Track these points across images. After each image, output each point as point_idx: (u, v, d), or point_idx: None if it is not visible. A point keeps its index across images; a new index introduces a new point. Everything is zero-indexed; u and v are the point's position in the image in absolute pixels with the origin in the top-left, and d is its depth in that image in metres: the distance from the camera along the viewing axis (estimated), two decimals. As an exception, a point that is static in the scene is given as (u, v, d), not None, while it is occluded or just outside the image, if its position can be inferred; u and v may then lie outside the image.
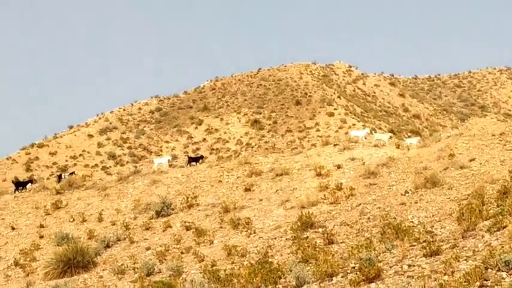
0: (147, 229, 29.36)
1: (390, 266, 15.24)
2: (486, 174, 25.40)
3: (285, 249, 21.61)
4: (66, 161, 78.58)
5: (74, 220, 32.98)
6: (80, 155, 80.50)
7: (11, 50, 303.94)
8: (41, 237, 31.33)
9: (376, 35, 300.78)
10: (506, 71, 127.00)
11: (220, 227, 27.37)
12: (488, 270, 12.95)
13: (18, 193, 39.05)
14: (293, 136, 79.42)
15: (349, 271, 15.63)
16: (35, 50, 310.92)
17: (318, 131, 79.13)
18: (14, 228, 33.19)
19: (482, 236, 15.87)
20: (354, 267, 15.78)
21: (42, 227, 32.75)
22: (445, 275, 13.33)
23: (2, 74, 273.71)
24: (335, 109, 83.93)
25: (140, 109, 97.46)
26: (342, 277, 15.28)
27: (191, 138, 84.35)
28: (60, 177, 48.32)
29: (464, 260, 14.07)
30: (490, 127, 31.36)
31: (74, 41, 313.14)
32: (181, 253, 24.53)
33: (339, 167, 32.19)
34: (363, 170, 30.63)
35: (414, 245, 16.91)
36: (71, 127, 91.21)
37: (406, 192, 25.57)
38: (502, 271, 12.82)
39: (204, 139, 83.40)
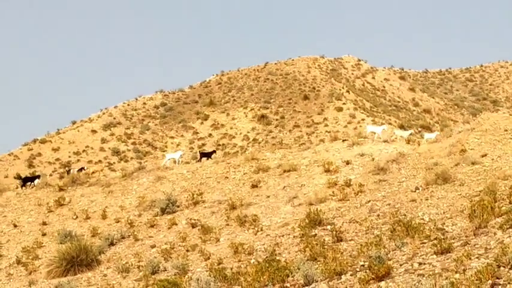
0: (152, 226, 29.05)
1: (400, 264, 14.98)
2: (498, 170, 25.11)
3: (292, 247, 21.29)
4: (69, 157, 78.32)
5: (77, 217, 32.64)
6: (83, 151, 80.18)
7: (14, 44, 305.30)
8: (43, 234, 30.98)
9: (386, 29, 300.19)
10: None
11: (227, 225, 27.02)
12: (501, 268, 12.71)
13: (25, 189, 38.78)
14: (301, 131, 79.01)
15: (358, 269, 15.37)
16: (38, 43, 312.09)
17: (326, 126, 78.74)
18: (16, 225, 32.85)
19: (495, 233, 15.62)
20: (363, 265, 15.55)
21: (44, 224, 32.36)
22: (456, 273, 13.11)
23: (4, 69, 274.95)
24: (344, 104, 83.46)
25: (145, 104, 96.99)
26: (351, 275, 15.01)
27: (197, 133, 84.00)
28: (69, 172, 48.22)
29: (476, 258, 13.84)
30: (502, 122, 30.84)
31: (78, 34, 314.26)
32: (187, 251, 24.21)
33: (347, 163, 31.78)
34: (372, 166, 30.21)
35: (425, 242, 16.66)
36: (74, 122, 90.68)
37: (417, 188, 25.26)
38: (515, 269, 12.55)
39: (210, 134, 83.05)
